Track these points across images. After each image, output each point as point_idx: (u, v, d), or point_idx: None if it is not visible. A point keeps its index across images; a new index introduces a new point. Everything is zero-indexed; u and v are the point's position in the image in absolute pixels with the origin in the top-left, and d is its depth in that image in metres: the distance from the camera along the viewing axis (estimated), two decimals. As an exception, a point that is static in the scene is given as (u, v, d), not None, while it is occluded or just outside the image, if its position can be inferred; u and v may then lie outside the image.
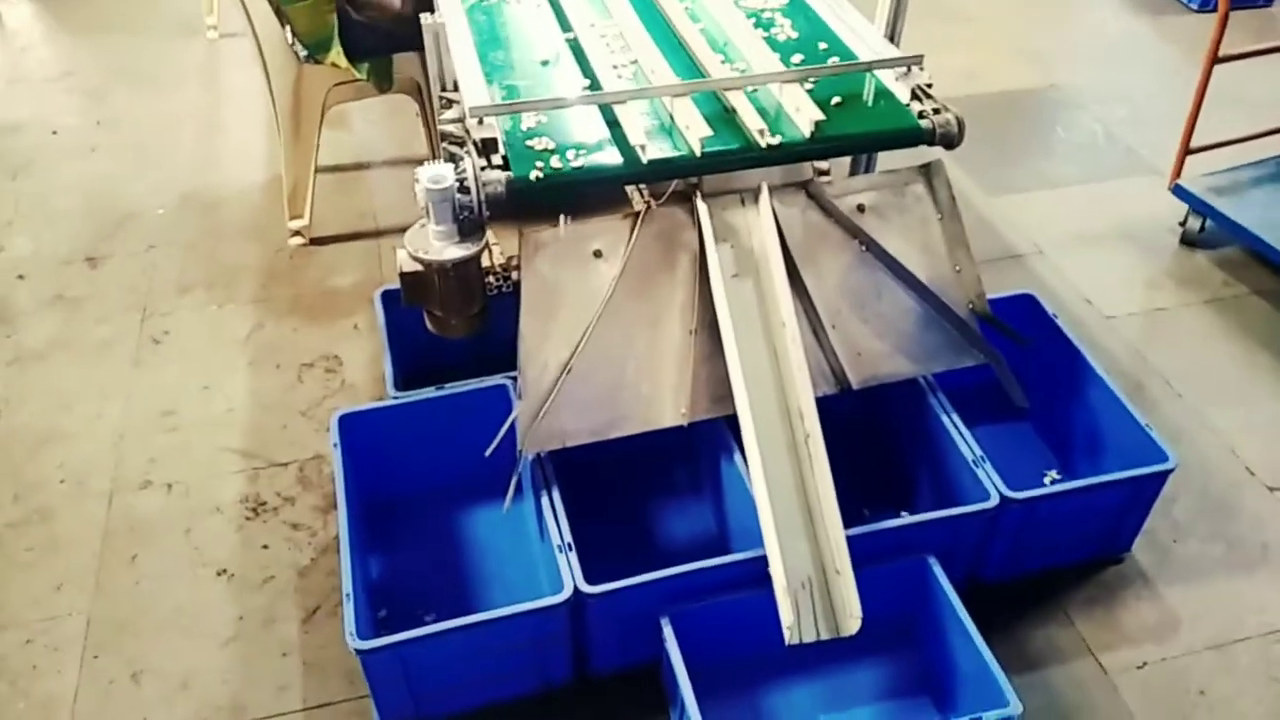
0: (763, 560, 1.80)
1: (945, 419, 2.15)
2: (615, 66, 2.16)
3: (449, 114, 2.05)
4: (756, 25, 2.29)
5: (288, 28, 2.90)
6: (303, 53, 2.92)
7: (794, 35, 2.27)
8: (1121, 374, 2.74)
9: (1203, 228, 3.18)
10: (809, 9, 2.39)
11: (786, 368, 1.93)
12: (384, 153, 3.61)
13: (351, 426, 2.13)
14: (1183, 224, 3.21)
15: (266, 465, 2.47)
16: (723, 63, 2.19)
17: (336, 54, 2.83)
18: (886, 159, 2.31)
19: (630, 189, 2.80)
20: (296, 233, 3.13)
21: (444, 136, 2.01)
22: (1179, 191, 3.17)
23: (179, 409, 2.62)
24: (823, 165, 3.31)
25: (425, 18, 2.11)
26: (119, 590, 2.21)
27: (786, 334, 1.93)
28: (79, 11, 4.50)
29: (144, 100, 3.90)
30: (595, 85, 2.10)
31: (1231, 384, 2.75)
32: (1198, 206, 3.13)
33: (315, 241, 3.17)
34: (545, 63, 2.19)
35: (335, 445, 2.08)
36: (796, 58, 2.20)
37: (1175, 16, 4.57)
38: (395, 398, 2.17)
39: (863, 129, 2.03)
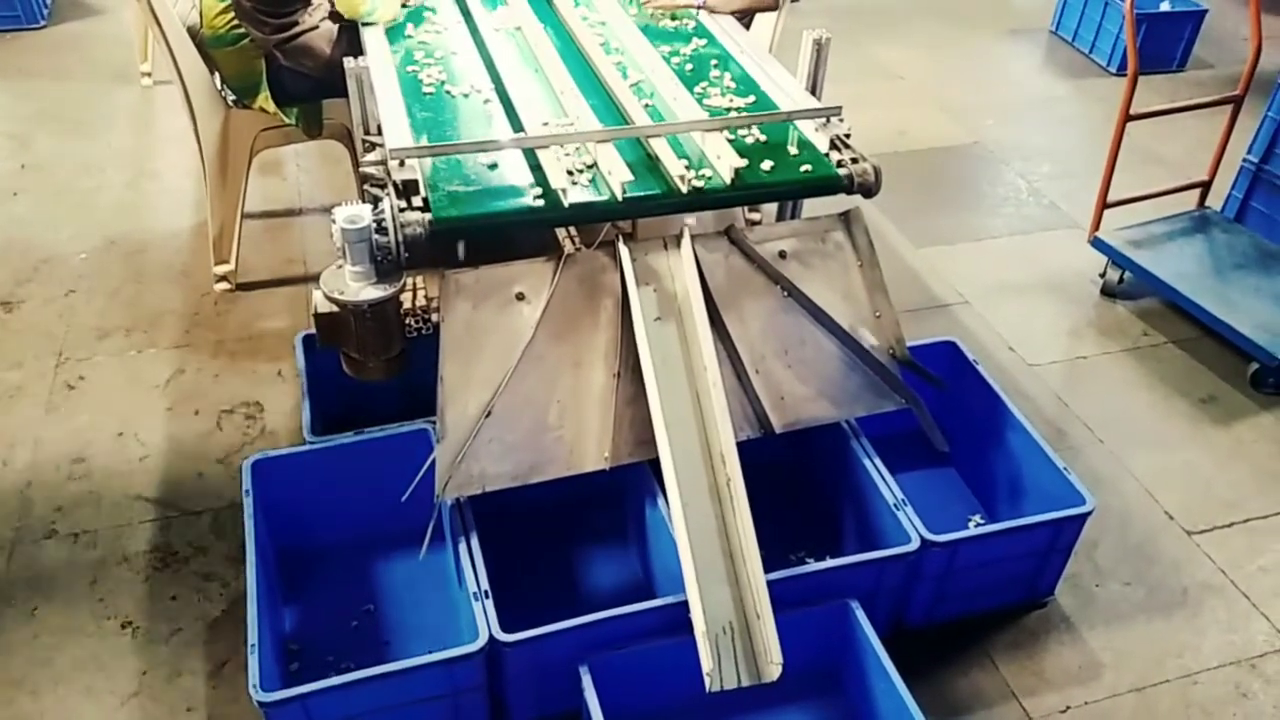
0: (683, 606, 1.78)
1: (867, 463, 2.16)
2: (570, 173, 2.02)
3: (371, 156, 2.05)
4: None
5: (216, 73, 2.88)
6: (231, 97, 2.90)
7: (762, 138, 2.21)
8: (1044, 420, 2.79)
9: (1122, 279, 3.27)
10: (755, 87, 2.42)
11: (708, 411, 1.93)
12: (317, 199, 3.58)
13: (265, 472, 2.07)
14: (1103, 275, 3.30)
15: (179, 514, 2.39)
16: (647, 109, 2.22)
17: (264, 99, 2.82)
18: (814, 209, 2.34)
19: (562, 236, 2.82)
20: (222, 278, 3.08)
21: (365, 179, 2.00)
22: (1098, 244, 3.26)
23: (90, 456, 2.54)
24: (755, 216, 3.38)
25: (349, 62, 2.11)
26: (15, 645, 2.10)
27: (708, 377, 1.93)
28: (9, 58, 4.43)
29: (72, 145, 3.84)
30: (547, 190, 1.98)
31: (1151, 431, 2.80)
32: (1116, 259, 3.22)
33: (242, 287, 3.12)
34: (493, 166, 2.07)
35: (247, 492, 2.02)
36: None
37: (1095, 79, 4.75)
38: (311, 443, 2.12)
39: (782, 177, 2.06)
